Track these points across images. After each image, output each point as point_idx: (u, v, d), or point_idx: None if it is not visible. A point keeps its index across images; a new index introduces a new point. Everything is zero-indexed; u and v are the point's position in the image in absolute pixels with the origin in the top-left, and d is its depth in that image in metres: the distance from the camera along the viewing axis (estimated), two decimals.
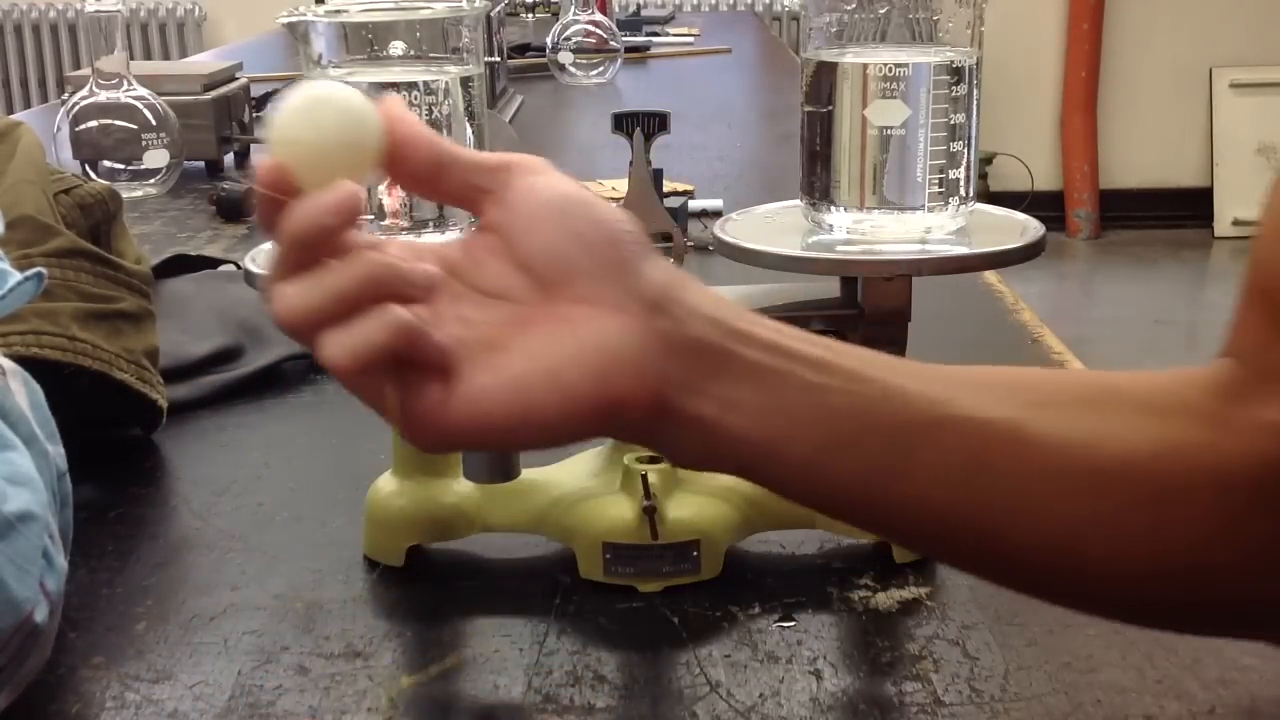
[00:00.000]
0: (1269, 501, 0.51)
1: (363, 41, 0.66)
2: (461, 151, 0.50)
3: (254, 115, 1.78)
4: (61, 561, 0.59)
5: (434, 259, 0.49)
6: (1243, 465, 0.51)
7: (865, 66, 0.68)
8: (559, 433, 0.48)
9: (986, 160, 4.67)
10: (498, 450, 0.68)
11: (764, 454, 0.49)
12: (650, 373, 0.47)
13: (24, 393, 0.62)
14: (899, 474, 0.49)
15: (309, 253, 0.46)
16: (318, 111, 0.47)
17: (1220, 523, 0.51)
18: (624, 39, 2.45)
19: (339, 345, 0.45)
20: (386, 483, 0.70)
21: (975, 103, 0.70)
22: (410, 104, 0.65)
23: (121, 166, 1.50)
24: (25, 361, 0.67)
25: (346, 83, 0.51)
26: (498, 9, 1.89)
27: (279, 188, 0.46)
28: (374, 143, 0.48)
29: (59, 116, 1.51)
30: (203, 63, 2.18)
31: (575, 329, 0.47)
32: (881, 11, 0.69)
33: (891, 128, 0.69)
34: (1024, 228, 0.72)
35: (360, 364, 0.45)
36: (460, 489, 0.69)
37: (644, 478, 0.66)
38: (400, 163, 0.48)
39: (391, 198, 0.66)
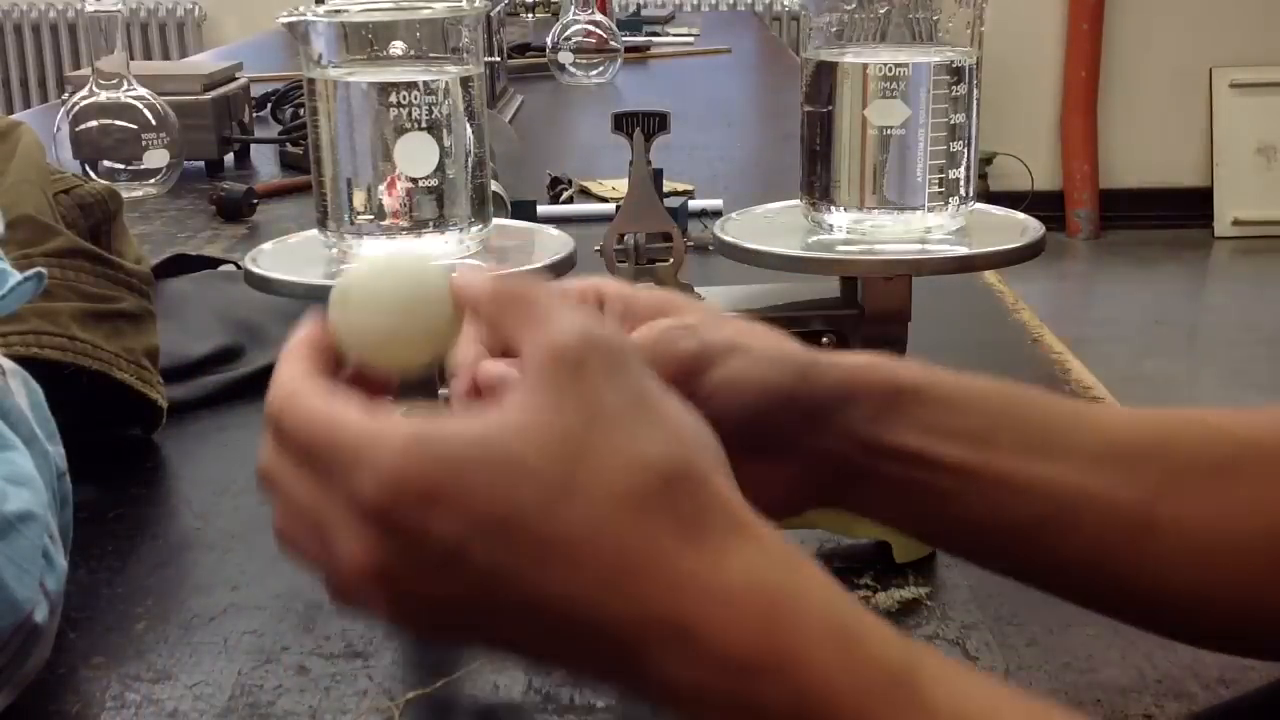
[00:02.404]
0: None
1: (363, 41, 0.67)
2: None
3: (254, 115, 1.78)
4: (61, 561, 0.59)
5: None
6: None
7: (865, 66, 0.68)
8: None
9: (986, 160, 4.67)
10: None
11: None
12: None
13: (24, 393, 0.62)
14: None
15: None
16: (381, 286, 0.42)
17: None
18: (624, 39, 2.45)
19: None
20: None
21: (975, 103, 0.70)
22: (410, 104, 0.65)
23: (121, 166, 1.50)
24: (25, 361, 0.67)
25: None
26: (498, 9, 1.89)
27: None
28: (443, 318, 0.42)
29: (59, 116, 1.51)
30: (203, 63, 2.18)
31: None
32: (881, 11, 0.69)
33: (891, 128, 0.69)
34: (1024, 228, 0.72)
35: None
36: None
37: None
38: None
39: (391, 197, 0.66)
